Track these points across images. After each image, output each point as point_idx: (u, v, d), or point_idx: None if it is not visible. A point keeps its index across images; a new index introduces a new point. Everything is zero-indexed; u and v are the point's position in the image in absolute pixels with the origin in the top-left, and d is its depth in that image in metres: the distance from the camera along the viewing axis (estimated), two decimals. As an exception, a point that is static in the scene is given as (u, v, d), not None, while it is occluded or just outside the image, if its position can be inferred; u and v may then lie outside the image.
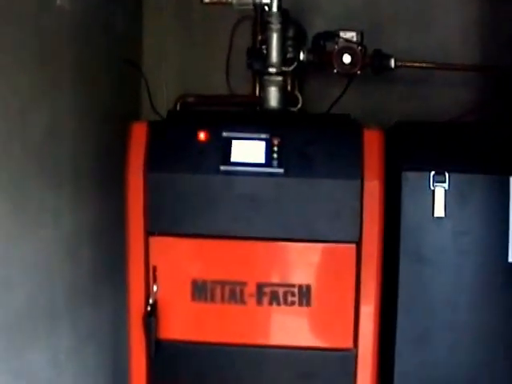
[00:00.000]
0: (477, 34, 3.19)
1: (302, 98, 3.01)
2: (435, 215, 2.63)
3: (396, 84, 3.20)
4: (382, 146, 2.65)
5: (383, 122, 2.76)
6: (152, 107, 2.95)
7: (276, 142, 2.61)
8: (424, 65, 3.08)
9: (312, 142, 2.62)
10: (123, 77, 3.01)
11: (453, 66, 3.10)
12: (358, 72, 2.90)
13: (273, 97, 2.93)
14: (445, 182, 2.64)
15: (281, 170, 2.57)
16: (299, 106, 3.03)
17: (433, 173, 2.62)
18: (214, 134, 2.57)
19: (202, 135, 2.62)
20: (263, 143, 2.59)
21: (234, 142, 2.58)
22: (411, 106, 3.22)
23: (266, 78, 2.91)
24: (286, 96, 2.94)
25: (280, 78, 2.90)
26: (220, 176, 2.55)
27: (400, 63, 2.98)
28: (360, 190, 2.57)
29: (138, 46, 3.20)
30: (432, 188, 2.66)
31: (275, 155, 2.61)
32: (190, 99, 3.20)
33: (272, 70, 2.84)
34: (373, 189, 2.62)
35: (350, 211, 2.58)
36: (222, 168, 2.56)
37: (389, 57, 2.99)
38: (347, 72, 2.93)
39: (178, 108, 3.14)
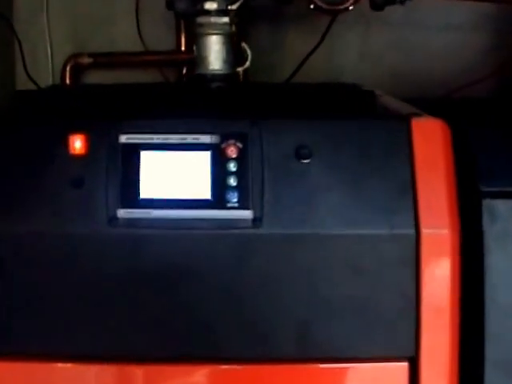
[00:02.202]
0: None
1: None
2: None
3: (380, 28, 2.04)
4: (450, 153, 1.16)
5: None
6: (28, 76, 1.88)
7: (233, 151, 1.13)
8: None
9: (308, 151, 1.12)
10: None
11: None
12: (351, 7, 1.68)
13: (215, 53, 1.52)
14: None
15: (247, 214, 1.10)
16: (247, 64, 1.68)
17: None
18: (103, 140, 1.11)
19: (76, 143, 1.12)
20: (206, 156, 1.12)
21: (145, 156, 1.12)
22: (400, 62, 2.04)
23: (202, 20, 1.53)
24: (234, 52, 1.57)
25: (226, 20, 1.54)
26: (116, 230, 1.09)
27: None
28: (414, 253, 1.10)
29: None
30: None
31: (233, 181, 1.12)
32: (85, 60, 2.03)
33: (211, 5, 1.51)
34: (440, 247, 1.12)
35: (395, 298, 1.11)
36: (122, 213, 1.10)
37: (398, -17, 1.71)
38: (334, 8, 1.68)
39: (67, 74, 1.98)
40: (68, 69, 2.04)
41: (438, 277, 1.14)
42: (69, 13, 2.18)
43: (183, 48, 2.02)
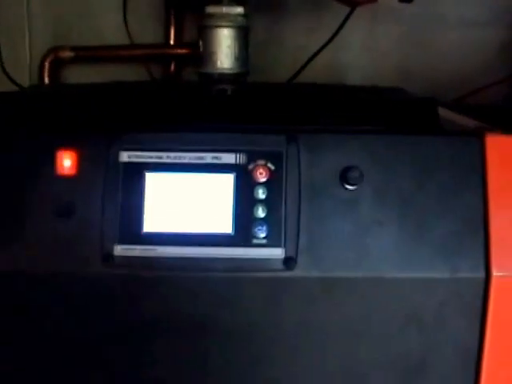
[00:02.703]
0: None
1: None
2: None
3: (388, 24, 1.77)
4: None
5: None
6: (4, 72, 1.67)
7: (263, 174, 0.88)
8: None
9: (357, 174, 0.87)
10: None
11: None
12: (379, -3, 1.49)
13: (226, 49, 1.28)
14: None
15: (277, 253, 0.86)
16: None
17: None
18: (98, 158, 0.87)
19: (65, 161, 0.87)
20: (229, 180, 0.88)
21: (151, 179, 0.87)
22: (409, 61, 1.77)
23: (212, 10, 1.28)
24: (247, 48, 1.32)
25: (240, 10, 1.28)
26: (112, 271, 0.85)
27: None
28: (481, 301, 0.87)
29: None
30: None
31: (261, 212, 0.87)
32: (66, 54, 1.77)
33: (223, -6, 1.29)
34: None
35: (453, 356, 0.87)
36: (120, 250, 0.85)
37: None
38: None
39: (46, 69, 1.73)
40: (47, 63, 1.84)
41: (508, 330, 0.92)
42: (51, 2, 1.92)
43: (172, 42, 1.81)
